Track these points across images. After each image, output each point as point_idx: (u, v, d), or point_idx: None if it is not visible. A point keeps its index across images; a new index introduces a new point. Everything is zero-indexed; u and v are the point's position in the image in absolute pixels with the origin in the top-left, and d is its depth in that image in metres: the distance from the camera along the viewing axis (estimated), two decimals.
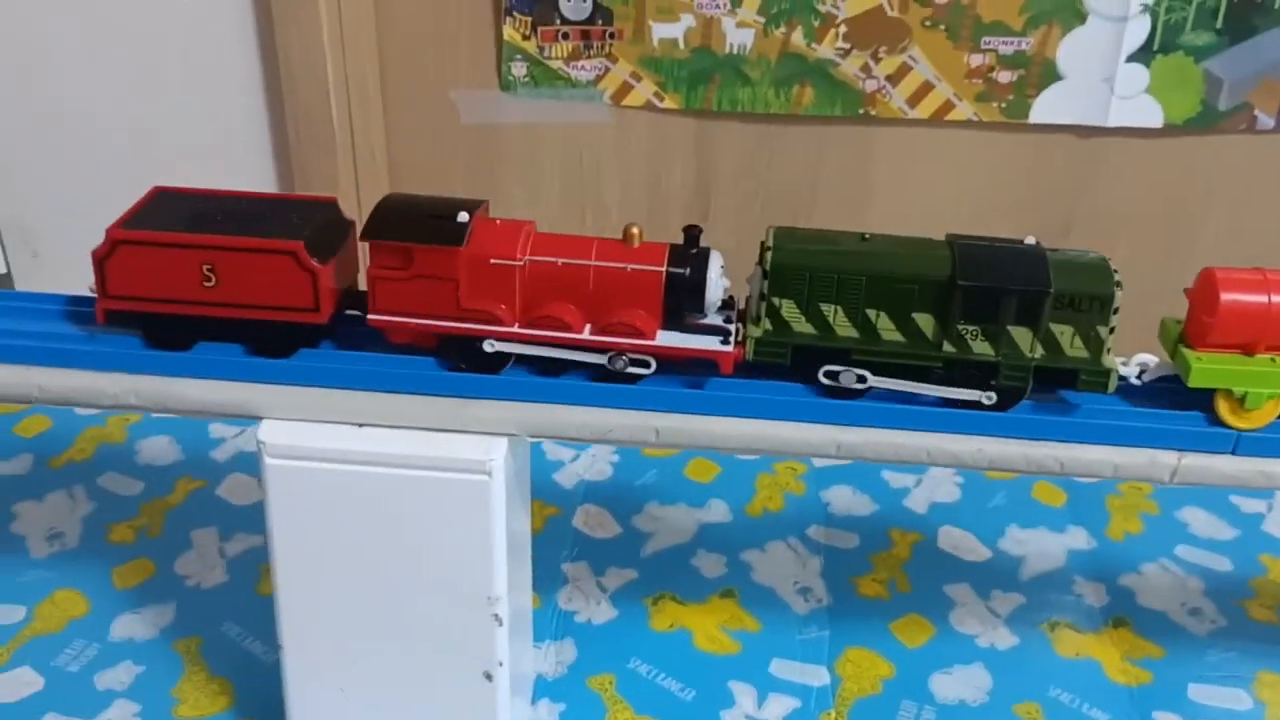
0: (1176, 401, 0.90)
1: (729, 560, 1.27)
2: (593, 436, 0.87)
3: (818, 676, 1.14)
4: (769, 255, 0.87)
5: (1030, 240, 0.89)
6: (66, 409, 1.46)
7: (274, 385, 0.88)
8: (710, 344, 0.88)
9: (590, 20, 1.35)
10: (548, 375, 0.89)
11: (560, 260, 0.87)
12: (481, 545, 0.89)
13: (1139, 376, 0.90)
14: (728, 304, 0.92)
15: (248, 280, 0.88)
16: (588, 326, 0.88)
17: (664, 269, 0.87)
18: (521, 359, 0.89)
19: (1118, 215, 1.43)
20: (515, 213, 0.91)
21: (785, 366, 0.88)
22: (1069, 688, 1.13)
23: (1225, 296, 0.86)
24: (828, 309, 0.86)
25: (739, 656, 1.16)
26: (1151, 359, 0.90)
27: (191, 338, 0.91)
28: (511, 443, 0.88)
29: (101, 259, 0.89)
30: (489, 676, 0.95)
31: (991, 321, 0.85)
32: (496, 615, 0.92)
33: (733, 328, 0.89)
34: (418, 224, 0.87)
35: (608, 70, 1.38)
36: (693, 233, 0.88)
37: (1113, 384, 0.87)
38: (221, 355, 0.89)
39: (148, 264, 0.89)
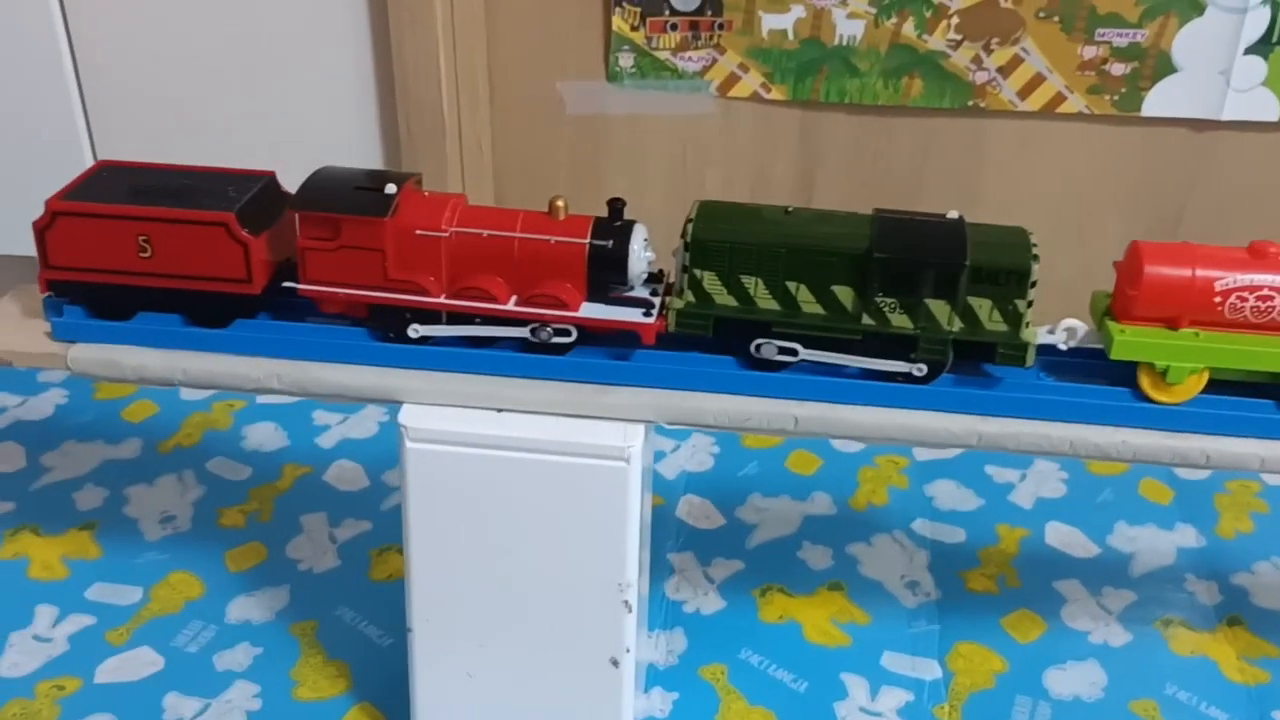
0: (1106, 376, 0.90)
1: (835, 553, 1.26)
2: (731, 425, 0.87)
3: (929, 670, 1.13)
4: (689, 228, 0.87)
5: (953, 214, 0.88)
6: (172, 393, 1.48)
7: (415, 370, 0.89)
8: (632, 316, 0.89)
9: (699, 11, 1.35)
10: (478, 347, 0.91)
11: (485, 232, 0.88)
12: (616, 531, 0.89)
13: (1065, 343, 0.90)
14: (656, 277, 0.93)
15: (182, 252, 0.90)
16: (513, 298, 0.89)
17: (587, 242, 0.88)
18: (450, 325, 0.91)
19: (1229, 209, 1.41)
20: None
21: (714, 338, 0.89)
22: (1186, 686, 1.11)
23: (1149, 269, 0.86)
24: (749, 281, 0.87)
25: (850, 649, 1.15)
26: (1080, 325, 0.90)
27: (132, 308, 0.93)
28: (646, 429, 0.88)
29: (41, 230, 0.92)
30: (615, 662, 0.95)
31: (909, 294, 0.85)
32: (626, 601, 0.92)
33: (657, 300, 0.90)
34: (345, 195, 0.88)
35: (715, 61, 1.38)
36: (616, 205, 0.89)
37: (1030, 358, 0.86)
38: (362, 341, 0.90)
39: (86, 235, 0.91)
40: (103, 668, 1.12)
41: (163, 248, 0.91)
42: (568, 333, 0.89)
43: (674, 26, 1.36)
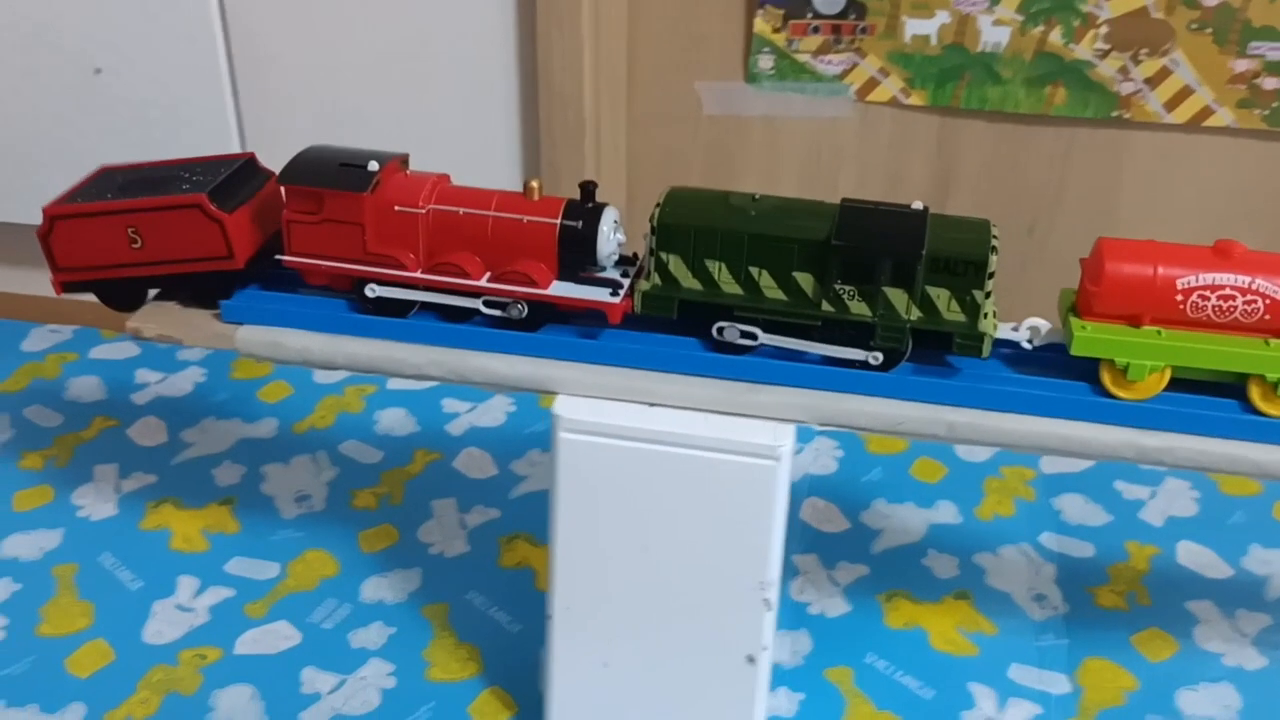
0: (1072, 373, 0.89)
1: (961, 562, 1.26)
2: (883, 428, 0.87)
3: (1057, 684, 1.12)
4: (656, 212, 0.89)
5: (917, 205, 0.88)
6: (306, 375, 1.52)
7: (570, 362, 0.90)
8: (599, 295, 0.91)
9: (842, 14, 1.35)
10: (456, 321, 0.93)
11: (462, 210, 0.91)
12: (762, 529, 0.90)
13: (1029, 341, 0.90)
14: (629, 260, 0.95)
15: (167, 237, 0.95)
16: (487, 275, 0.92)
17: (557, 222, 0.90)
18: (427, 305, 0.94)
19: None
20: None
21: (679, 321, 0.91)
22: None
23: (1110, 266, 0.85)
24: (713, 266, 0.89)
25: (977, 659, 1.15)
26: (1044, 324, 0.90)
27: (140, 297, 0.98)
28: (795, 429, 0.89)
29: (44, 236, 0.98)
30: (752, 659, 0.96)
31: (867, 282, 0.86)
32: (767, 600, 0.93)
33: (626, 282, 0.92)
34: (329, 171, 0.92)
35: (855, 65, 1.38)
36: (588, 188, 0.91)
37: (987, 348, 0.86)
38: (520, 333, 0.92)
39: (83, 235, 0.97)
40: (242, 639, 1.15)
41: (150, 236, 0.96)
42: (534, 308, 0.92)
43: (816, 29, 1.36)
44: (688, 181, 1.44)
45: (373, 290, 0.93)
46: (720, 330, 0.90)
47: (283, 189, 0.93)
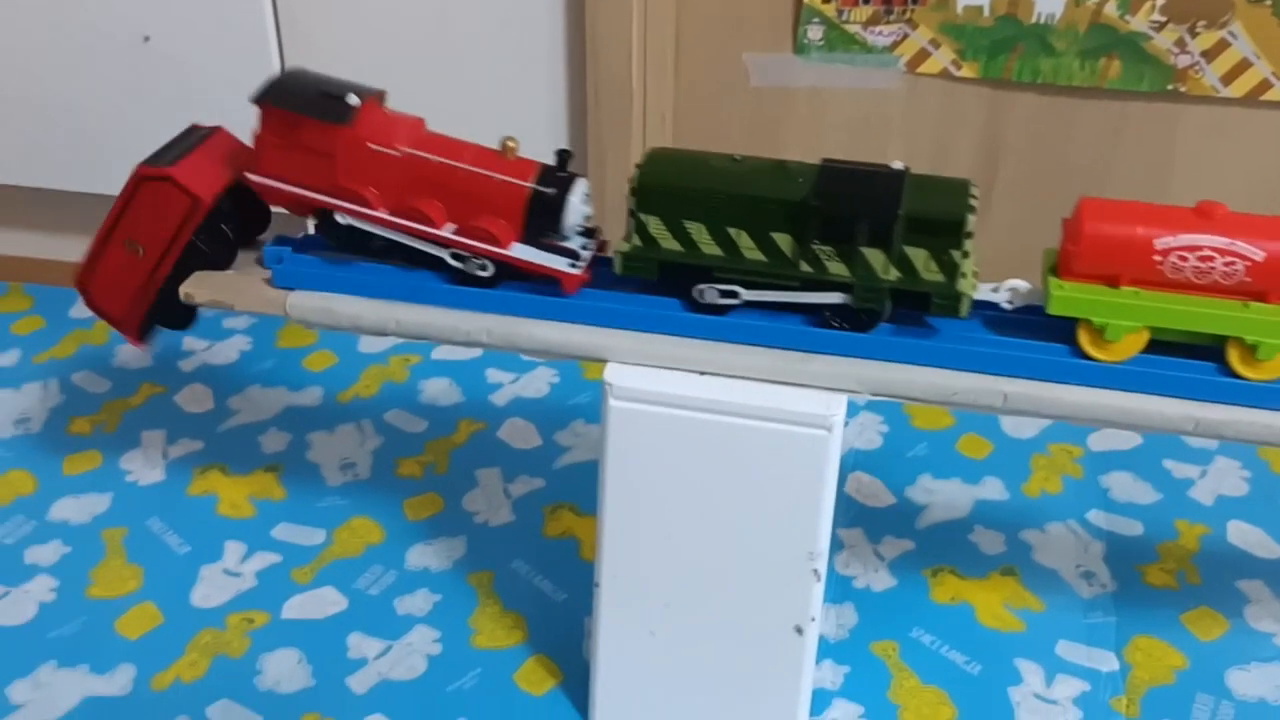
0: (1051, 334, 0.88)
1: (1008, 539, 1.25)
2: (937, 398, 0.87)
3: (1106, 662, 1.11)
4: (636, 173, 0.88)
5: (897, 165, 0.88)
6: (351, 345, 1.52)
7: (622, 330, 0.90)
8: (557, 263, 0.91)
9: None
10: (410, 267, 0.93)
11: (435, 158, 0.90)
12: (812, 500, 0.89)
13: (1009, 302, 0.89)
14: (591, 233, 0.95)
15: (149, 226, 0.98)
16: (450, 226, 0.91)
17: (529, 185, 0.90)
18: (391, 249, 0.94)
19: None
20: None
21: (658, 281, 0.91)
22: None
23: (1089, 226, 0.84)
24: (692, 227, 0.88)
25: (1024, 635, 1.14)
26: (1024, 284, 0.89)
27: (174, 291, 1.00)
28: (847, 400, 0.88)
29: (88, 301, 1.05)
30: (800, 630, 0.95)
31: (845, 242, 0.85)
32: (816, 570, 0.92)
33: (586, 255, 0.92)
34: (310, 98, 0.91)
35: (905, 36, 1.36)
36: (564, 156, 0.91)
37: (965, 308, 0.86)
38: (569, 300, 0.92)
39: (106, 275, 1.02)
40: (289, 604, 1.16)
41: (140, 235, 0.99)
42: (503, 269, 0.92)
43: (867, 0, 1.35)
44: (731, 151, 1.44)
45: (343, 218, 0.93)
46: (701, 292, 0.90)
47: (259, 109, 0.92)
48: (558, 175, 0.91)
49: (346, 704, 1.06)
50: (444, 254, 0.92)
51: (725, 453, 0.89)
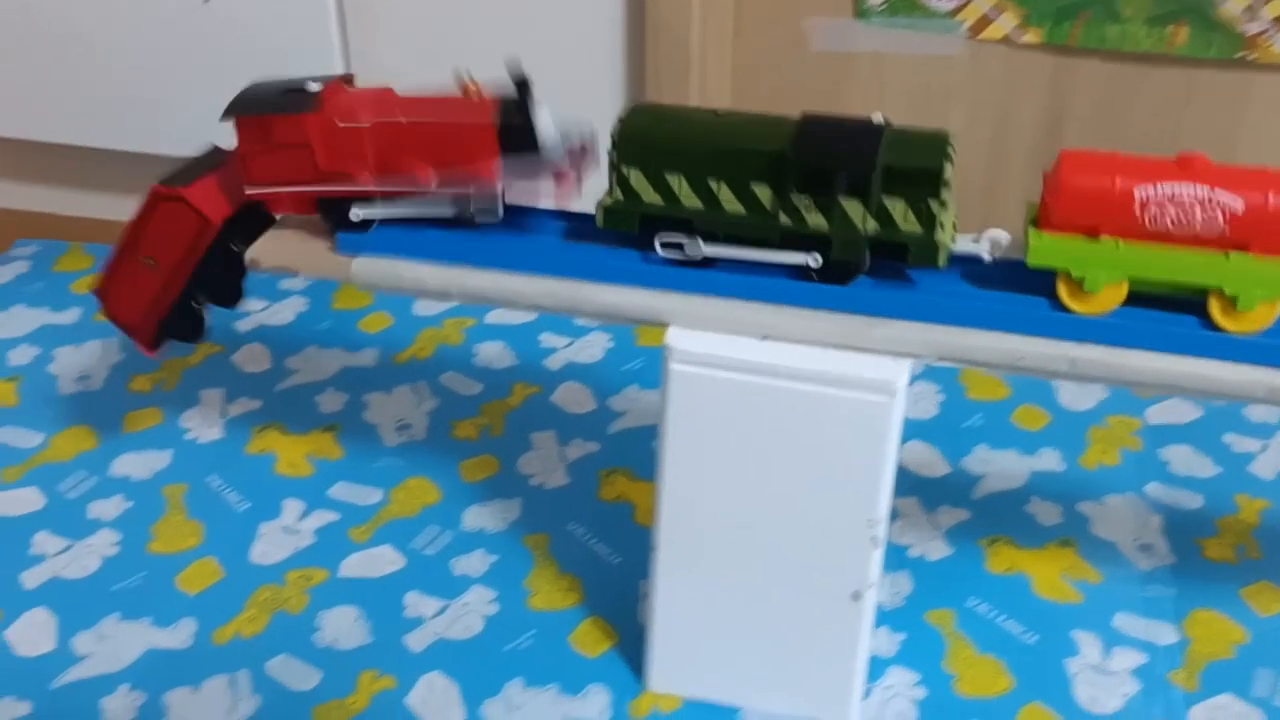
0: (1033, 286, 0.88)
1: (1065, 510, 1.24)
2: (1002, 363, 0.86)
3: (1164, 634, 1.10)
4: (617, 126, 0.88)
5: (877, 118, 0.87)
6: (406, 308, 1.53)
7: (684, 294, 0.90)
8: (545, 182, 0.93)
9: None
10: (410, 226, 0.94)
11: (404, 119, 0.91)
12: (873, 466, 0.89)
13: (990, 253, 0.88)
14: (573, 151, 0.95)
15: (163, 242, 1.02)
16: (436, 179, 0.92)
17: (495, 121, 0.90)
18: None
19: None
20: None
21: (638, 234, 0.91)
22: None
23: (1068, 176, 0.83)
24: (673, 179, 0.88)
25: (1081, 606, 1.13)
26: (1005, 235, 0.88)
27: (196, 316, 1.05)
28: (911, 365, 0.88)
29: (106, 310, 1.09)
30: (857, 596, 0.95)
31: (823, 194, 0.85)
32: (875, 537, 0.92)
33: (572, 171, 0.93)
34: (272, 97, 0.93)
35: (968, 1, 1.34)
36: (520, 79, 0.91)
37: (943, 259, 0.85)
38: (631, 263, 0.91)
39: (122, 287, 1.06)
40: (347, 562, 1.17)
41: (155, 250, 1.02)
42: (493, 211, 0.93)
43: None
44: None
45: (357, 214, 0.94)
46: (664, 245, 0.90)
47: (234, 124, 0.93)
48: (519, 102, 0.91)
49: (404, 661, 1.07)
50: (447, 210, 0.94)
51: (786, 418, 0.89)
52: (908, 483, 1.27)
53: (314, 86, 0.93)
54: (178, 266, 1.02)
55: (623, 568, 1.17)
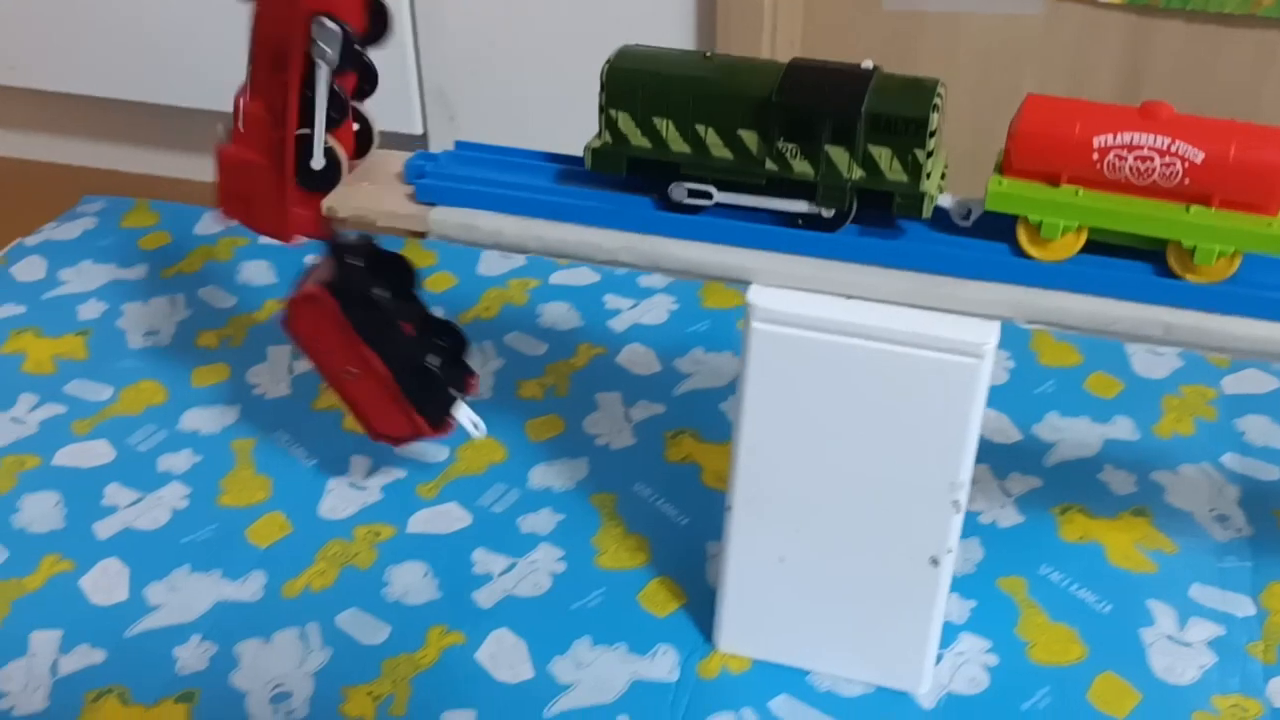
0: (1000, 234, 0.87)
1: (1139, 479, 1.22)
2: (1094, 327, 0.84)
3: (1241, 606, 1.09)
4: (605, 68, 0.88)
5: (867, 64, 0.86)
6: (470, 266, 1.52)
7: (766, 252, 0.89)
8: None
9: None
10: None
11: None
12: (958, 430, 0.88)
13: (965, 217, 0.88)
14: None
15: (328, 344, 1.05)
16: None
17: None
18: None
19: None
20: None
21: (635, 180, 0.91)
22: None
23: (1026, 121, 0.83)
24: (660, 123, 0.87)
25: (1156, 576, 1.12)
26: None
27: (432, 380, 1.07)
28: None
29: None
30: (935, 561, 0.94)
31: (809, 140, 0.84)
32: (956, 501, 0.91)
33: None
34: None
35: None
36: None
37: (927, 208, 0.85)
38: (715, 219, 0.90)
39: (369, 405, 1.08)
40: (414, 518, 1.17)
41: (343, 361, 1.06)
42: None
43: None
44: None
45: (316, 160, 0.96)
46: (670, 189, 0.90)
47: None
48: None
49: (473, 618, 1.07)
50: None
51: (870, 379, 0.87)
52: (978, 449, 1.25)
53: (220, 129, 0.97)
54: (359, 353, 1.03)
55: (690, 528, 1.16)
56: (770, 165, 0.87)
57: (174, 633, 1.06)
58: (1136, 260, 0.86)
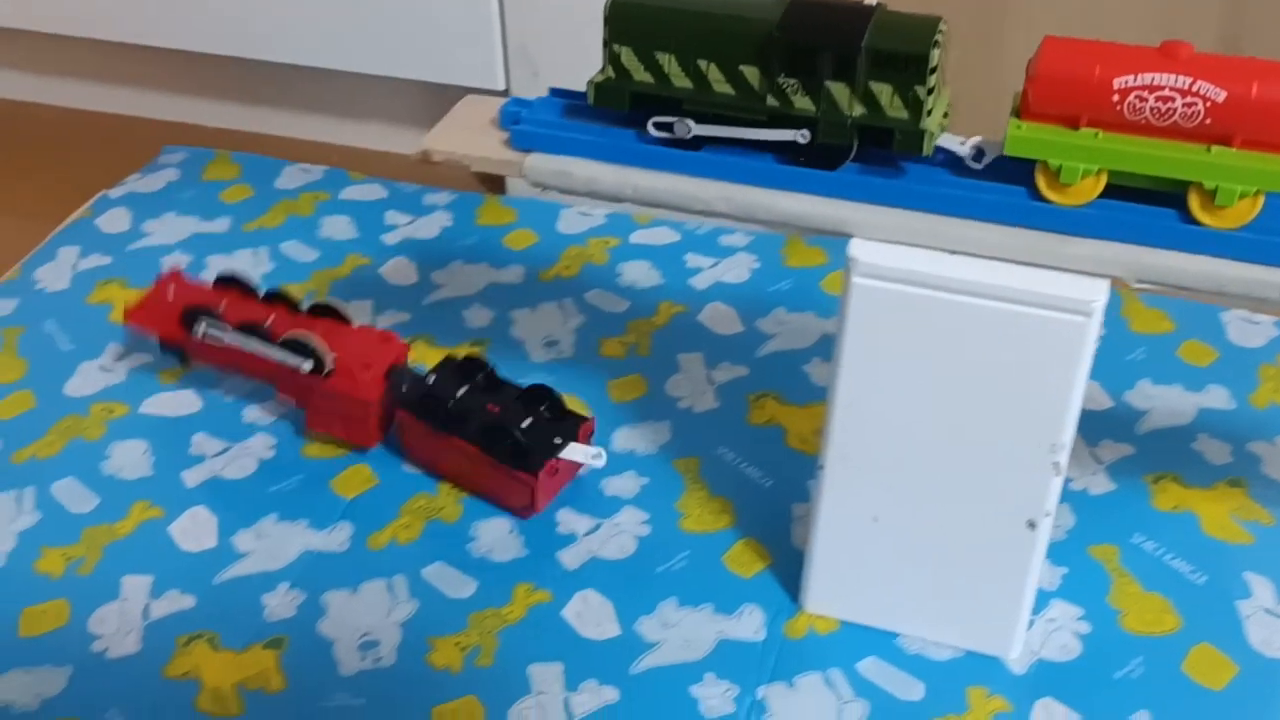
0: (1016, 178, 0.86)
1: (1235, 449, 1.20)
2: (1207, 287, 0.82)
3: None
4: (609, 3, 0.88)
5: (870, 0, 0.86)
6: (550, 225, 1.52)
7: (869, 205, 0.87)
8: None
9: None
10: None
11: None
12: (1061, 390, 0.86)
13: (976, 159, 0.86)
14: None
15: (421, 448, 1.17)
16: None
17: None
18: None
19: None
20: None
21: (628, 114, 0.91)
22: None
23: (1045, 63, 0.81)
24: (663, 58, 0.88)
25: (1253, 548, 1.09)
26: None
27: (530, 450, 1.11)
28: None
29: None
30: (1032, 525, 0.92)
31: (810, 75, 0.85)
32: (1056, 463, 0.89)
33: None
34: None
35: None
36: None
37: (928, 145, 0.85)
38: (812, 171, 0.89)
39: (504, 492, 1.13)
40: None
41: (456, 465, 1.15)
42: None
43: None
44: (952, 36, 1.38)
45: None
46: (671, 125, 0.90)
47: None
48: None
49: (558, 577, 1.07)
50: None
51: (974, 336, 0.86)
52: None
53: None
54: (444, 441, 1.13)
55: (774, 490, 1.15)
56: (772, 101, 0.87)
57: (262, 580, 1.07)
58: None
